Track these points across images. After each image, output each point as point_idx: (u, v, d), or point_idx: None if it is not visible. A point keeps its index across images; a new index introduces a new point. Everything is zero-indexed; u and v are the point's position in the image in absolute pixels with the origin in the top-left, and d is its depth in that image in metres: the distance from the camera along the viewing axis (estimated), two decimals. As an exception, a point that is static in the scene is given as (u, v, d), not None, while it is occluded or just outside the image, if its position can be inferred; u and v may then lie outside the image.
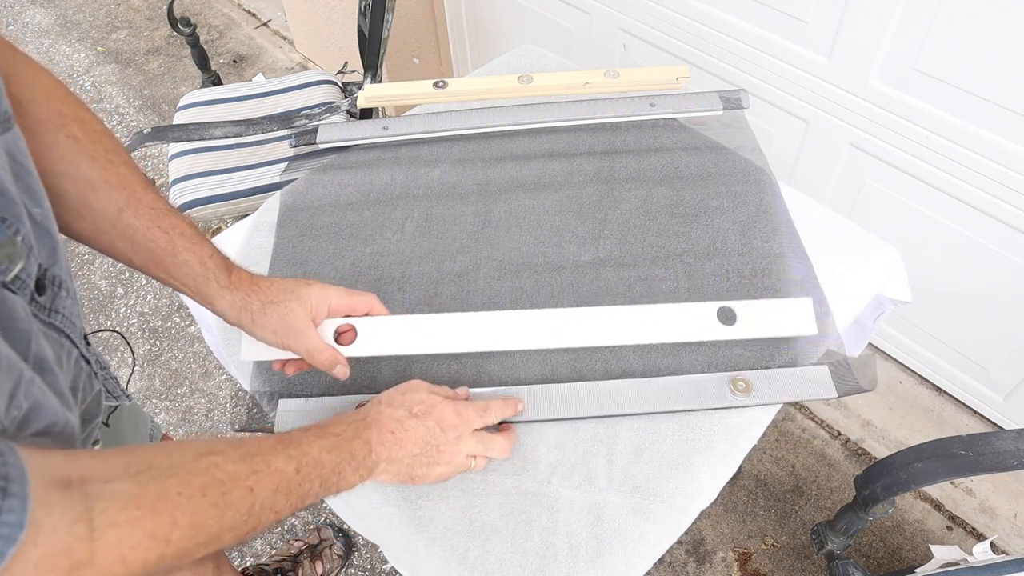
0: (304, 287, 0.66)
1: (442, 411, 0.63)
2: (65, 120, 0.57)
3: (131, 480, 0.41)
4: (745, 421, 0.73)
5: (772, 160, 0.97)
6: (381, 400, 0.63)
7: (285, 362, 0.70)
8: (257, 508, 0.47)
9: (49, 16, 3.04)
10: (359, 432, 0.59)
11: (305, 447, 0.53)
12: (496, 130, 1.02)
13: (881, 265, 0.87)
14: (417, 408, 0.62)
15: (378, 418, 0.61)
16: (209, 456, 0.46)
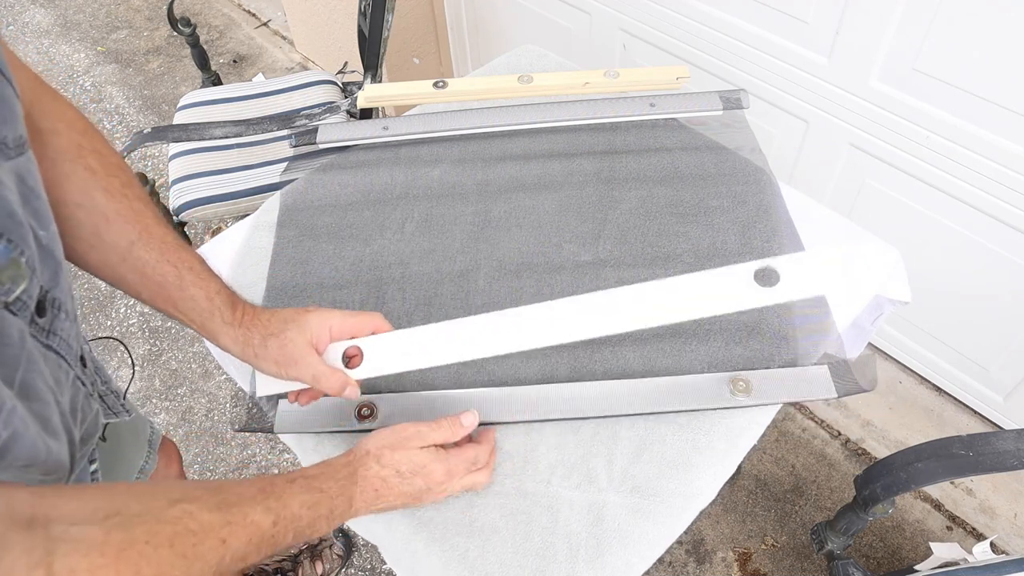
0: (303, 315, 0.65)
1: (431, 472, 0.61)
2: (84, 152, 0.58)
3: (98, 525, 0.40)
4: (745, 421, 0.73)
5: (772, 160, 0.97)
6: (370, 452, 0.61)
7: (299, 393, 0.69)
8: (228, 560, 0.46)
9: (49, 16, 3.04)
10: (344, 489, 0.57)
11: (286, 499, 0.51)
12: (496, 130, 1.02)
13: (881, 265, 0.87)
14: (406, 468, 0.61)
15: (365, 474, 0.59)
16: (183, 503, 0.44)
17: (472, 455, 0.65)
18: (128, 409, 0.74)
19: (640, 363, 0.77)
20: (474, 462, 0.65)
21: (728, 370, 0.76)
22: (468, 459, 0.64)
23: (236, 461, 1.63)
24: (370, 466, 0.60)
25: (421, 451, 0.62)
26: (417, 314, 0.82)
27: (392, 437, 0.62)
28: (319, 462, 0.59)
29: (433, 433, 0.64)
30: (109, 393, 0.69)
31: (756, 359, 0.76)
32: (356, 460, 0.60)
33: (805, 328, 0.79)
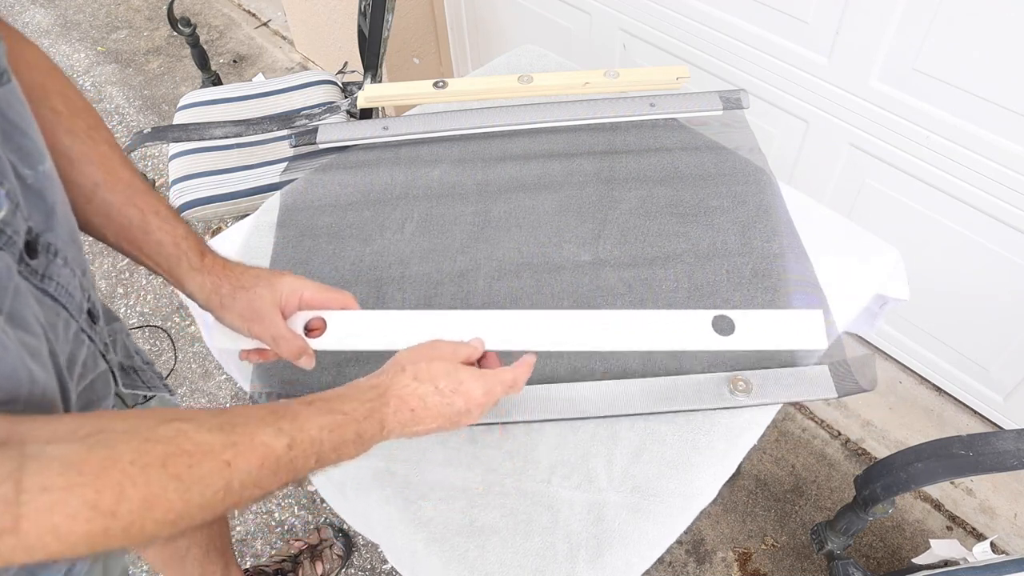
0: (277, 276, 0.64)
1: (470, 389, 0.56)
2: (48, 93, 0.57)
3: (78, 443, 0.36)
4: (745, 421, 0.73)
5: (772, 160, 0.97)
6: (405, 368, 0.55)
7: (251, 352, 0.67)
8: (236, 485, 0.42)
9: (49, 16, 3.04)
10: (374, 411, 0.52)
11: (302, 422, 0.47)
12: (496, 130, 1.02)
13: (881, 265, 0.87)
14: (445, 385, 0.55)
15: (400, 393, 0.54)
16: (177, 423, 0.40)
17: (510, 377, 0.59)
18: (168, 387, 0.72)
19: (640, 363, 0.77)
20: (512, 385, 0.59)
21: (728, 370, 0.76)
22: (506, 381, 0.59)
23: (236, 461, 1.63)
24: (406, 383, 0.54)
25: (462, 369, 0.57)
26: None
27: (429, 351, 0.57)
28: (343, 384, 0.54)
29: (464, 348, 0.60)
30: (143, 366, 0.68)
31: (756, 359, 0.76)
32: (388, 378, 0.54)
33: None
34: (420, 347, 0.58)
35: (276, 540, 1.51)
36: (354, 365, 0.78)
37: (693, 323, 0.67)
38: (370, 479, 0.71)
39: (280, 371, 0.78)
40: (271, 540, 1.51)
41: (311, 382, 0.77)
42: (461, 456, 0.72)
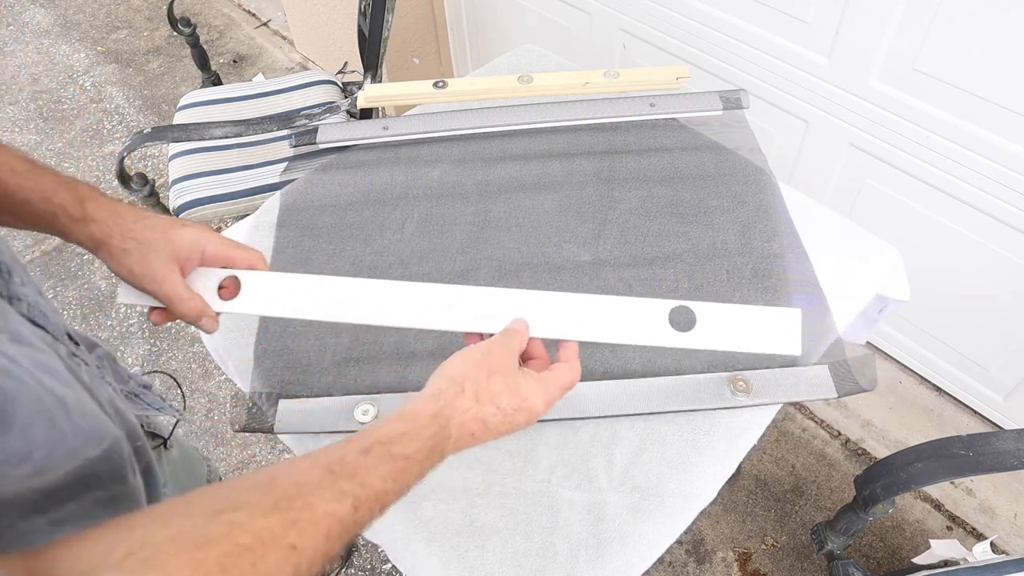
0: (176, 227, 0.58)
1: (533, 404, 0.51)
2: None
3: (115, 569, 0.31)
4: (745, 421, 0.73)
5: (772, 160, 0.97)
6: (464, 388, 0.49)
7: (153, 310, 0.61)
8: (305, 565, 0.36)
9: (49, 16, 3.04)
10: (436, 447, 0.46)
11: (363, 476, 0.41)
12: (496, 130, 1.02)
13: (881, 265, 0.87)
14: (507, 403, 0.49)
15: (462, 419, 0.48)
16: (227, 514, 0.35)
17: (569, 380, 0.54)
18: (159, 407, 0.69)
19: (640, 363, 0.77)
20: (569, 387, 0.54)
21: (728, 370, 0.76)
22: (565, 386, 0.53)
23: (236, 461, 1.63)
24: (467, 407, 0.48)
25: (521, 379, 0.51)
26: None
27: (485, 360, 0.51)
28: (397, 413, 0.47)
29: (515, 345, 0.54)
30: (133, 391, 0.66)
31: (756, 359, 0.76)
32: (447, 401, 0.48)
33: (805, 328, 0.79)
34: (473, 355, 0.51)
35: (276, 540, 1.51)
36: (354, 365, 0.78)
37: (647, 314, 0.57)
38: (370, 479, 0.71)
39: (280, 371, 0.78)
40: (271, 540, 1.51)
41: (311, 382, 0.77)
42: (461, 456, 0.72)
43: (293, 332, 0.81)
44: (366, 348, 0.79)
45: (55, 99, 2.62)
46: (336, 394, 0.76)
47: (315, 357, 0.79)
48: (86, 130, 2.49)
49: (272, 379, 0.78)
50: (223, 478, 0.96)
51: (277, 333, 0.81)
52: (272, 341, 0.81)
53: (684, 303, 0.57)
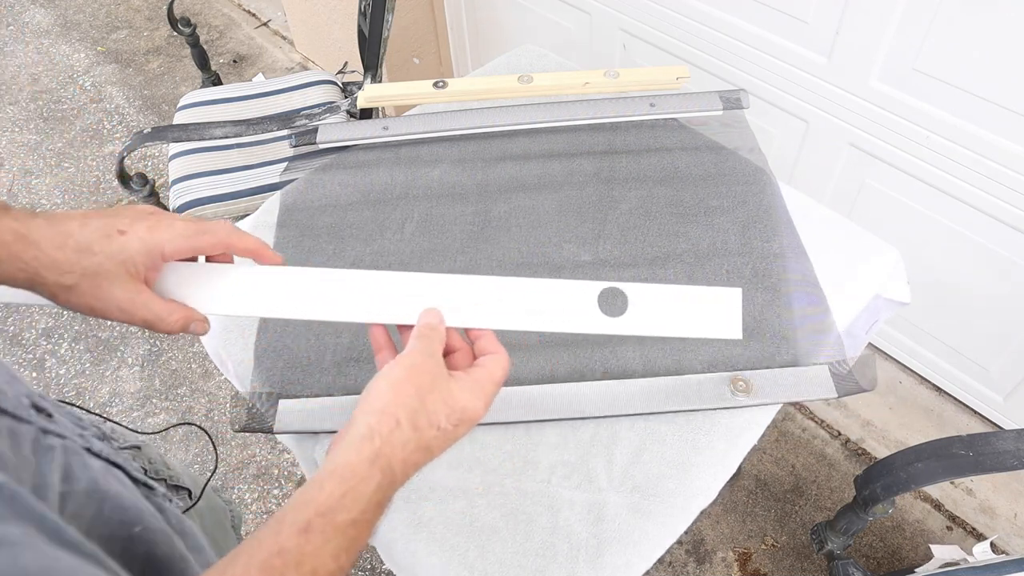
0: (115, 239, 0.46)
1: (474, 412, 0.46)
2: None
3: None
4: (745, 421, 0.73)
5: (772, 160, 0.97)
6: (399, 420, 0.43)
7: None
8: None
9: (49, 16, 3.04)
10: (382, 501, 0.42)
11: (311, 563, 0.36)
12: (496, 130, 1.02)
13: (881, 265, 0.87)
14: (447, 420, 0.45)
15: (404, 456, 0.43)
16: None
17: (501, 374, 0.49)
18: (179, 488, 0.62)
19: (640, 363, 0.77)
20: (503, 380, 0.49)
21: (728, 370, 0.76)
22: (499, 380, 0.49)
23: (236, 461, 1.63)
24: (407, 438, 0.43)
25: (455, 387, 0.46)
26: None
27: (414, 378, 0.45)
28: (329, 470, 0.41)
29: (437, 343, 0.48)
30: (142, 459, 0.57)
31: (756, 359, 0.76)
32: (383, 442, 0.42)
33: (805, 328, 0.79)
34: (396, 376, 0.45)
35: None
36: (354, 365, 0.78)
37: (573, 298, 0.52)
38: (370, 479, 0.71)
39: (280, 371, 0.78)
40: (271, 540, 1.51)
41: (311, 382, 0.77)
42: (461, 457, 0.72)
43: (293, 332, 0.81)
44: (366, 348, 0.79)
45: (55, 99, 2.62)
46: (336, 394, 0.76)
47: (315, 357, 0.79)
48: (86, 130, 2.49)
49: (272, 379, 0.77)
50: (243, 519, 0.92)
51: (277, 333, 0.81)
52: (272, 341, 0.81)
53: (615, 284, 0.52)
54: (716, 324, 0.52)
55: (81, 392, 1.77)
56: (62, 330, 1.91)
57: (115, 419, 1.71)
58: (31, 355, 1.86)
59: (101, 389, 1.78)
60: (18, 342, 1.89)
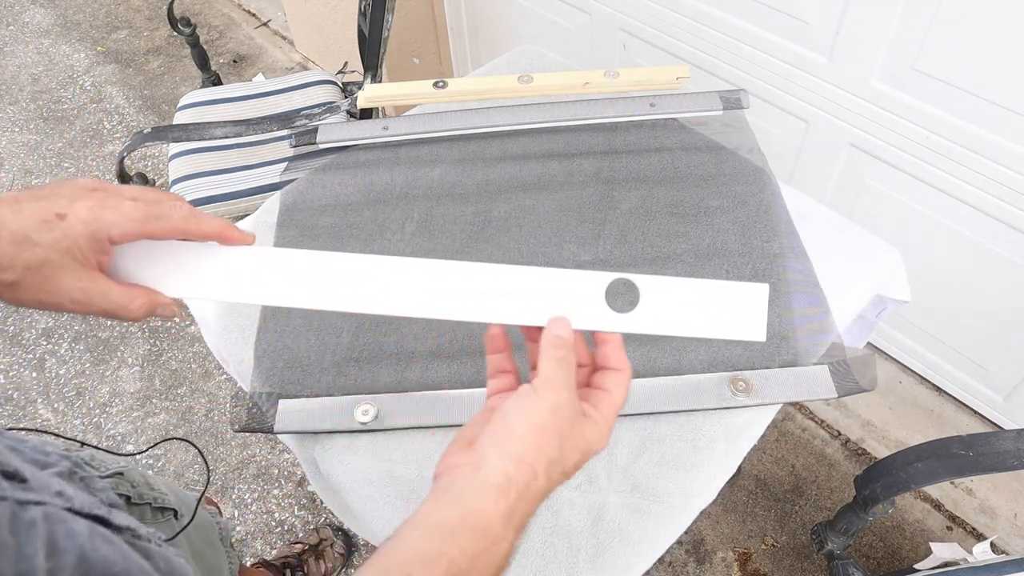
0: (56, 225, 0.40)
1: (596, 447, 0.42)
2: None
3: None
4: (745, 421, 0.73)
5: (772, 160, 0.97)
6: (537, 473, 0.39)
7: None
8: None
9: (49, 16, 3.04)
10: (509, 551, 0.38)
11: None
12: (496, 130, 1.02)
13: (881, 265, 0.87)
14: (573, 464, 0.41)
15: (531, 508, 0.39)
16: None
17: (623, 399, 0.44)
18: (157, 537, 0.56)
19: (640, 363, 0.77)
20: (623, 404, 0.45)
21: (728, 370, 0.76)
22: (620, 407, 0.44)
23: (236, 461, 1.63)
24: (540, 494, 0.39)
25: (588, 428, 0.41)
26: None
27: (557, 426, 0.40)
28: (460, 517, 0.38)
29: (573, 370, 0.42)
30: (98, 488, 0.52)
31: (756, 359, 0.76)
32: (518, 496, 0.38)
33: (805, 328, 0.79)
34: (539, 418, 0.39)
35: (276, 540, 1.51)
36: (354, 365, 0.78)
37: (577, 291, 0.47)
38: (370, 481, 0.71)
39: (280, 371, 0.78)
40: (271, 540, 1.51)
41: (311, 382, 0.77)
42: (461, 456, 0.72)
43: (293, 332, 0.81)
44: (366, 348, 0.79)
45: (55, 99, 2.62)
46: (336, 394, 0.76)
47: (315, 357, 0.79)
48: (86, 130, 2.49)
49: (272, 379, 0.77)
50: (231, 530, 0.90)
51: (277, 333, 0.81)
52: (272, 341, 0.81)
53: (625, 275, 0.46)
54: (738, 324, 0.46)
55: (81, 392, 1.77)
56: (62, 330, 1.91)
57: (113, 416, 1.71)
58: (31, 355, 1.86)
59: (101, 389, 1.78)
60: (18, 342, 1.89)
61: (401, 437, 0.74)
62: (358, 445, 0.73)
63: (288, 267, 0.47)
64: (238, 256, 0.47)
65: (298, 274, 0.47)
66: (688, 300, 0.46)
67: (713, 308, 0.46)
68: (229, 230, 0.46)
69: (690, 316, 0.46)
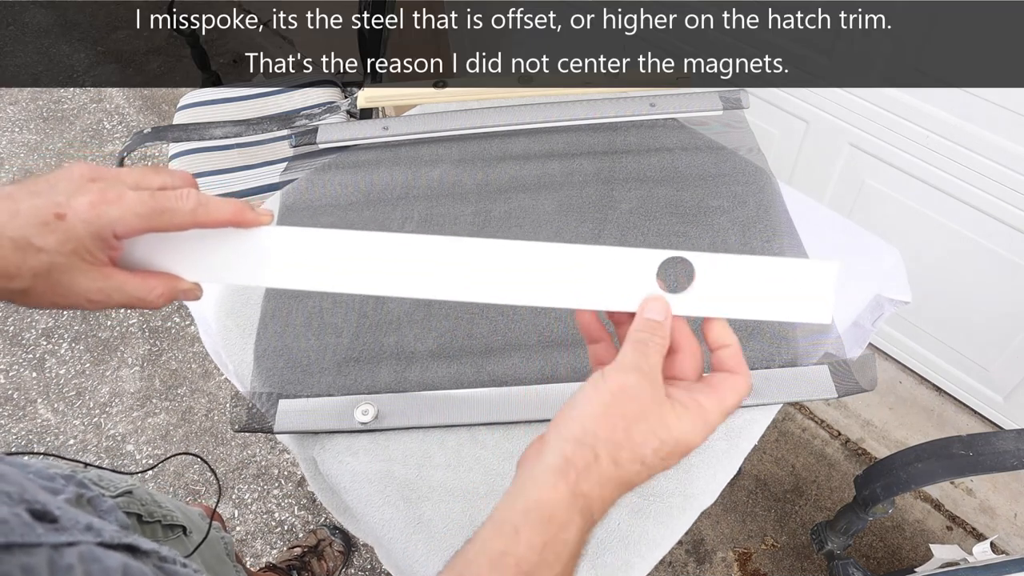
0: (57, 226, 0.38)
1: (690, 443, 0.39)
2: None
3: None
4: (745, 421, 0.73)
5: (772, 160, 0.97)
6: (598, 454, 0.36)
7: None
8: None
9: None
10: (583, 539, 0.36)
11: None
12: (496, 130, 1.02)
13: (881, 265, 0.87)
14: (654, 453, 0.37)
15: (601, 494, 0.36)
16: None
17: (734, 403, 0.41)
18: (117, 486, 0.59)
19: (640, 363, 0.76)
20: (736, 406, 0.41)
21: (728, 370, 0.75)
22: (729, 410, 0.41)
23: (236, 461, 1.63)
24: (606, 476, 0.37)
25: (671, 416, 0.38)
26: (417, 314, 0.82)
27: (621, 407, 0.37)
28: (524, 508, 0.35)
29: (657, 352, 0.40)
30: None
31: (756, 359, 0.76)
32: (579, 477, 0.36)
33: (805, 328, 0.79)
34: (601, 400, 0.38)
35: (276, 540, 1.51)
36: (354, 365, 0.78)
37: (628, 270, 0.43)
38: (370, 481, 0.71)
39: (280, 371, 0.78)
40: (271, 540, 1.51)
41: (311, 382, 0.77)
42: (462, 458, 0.72)
43: (293, 332, 0.81)
44: (366, 348, 0.79)
45: (55, 99, 2.62)
46: (336, 394, 0.76)
47: (315, 357, 0.79)
48: (86, 130, 2.49)
49: (272, 379, 0.77)
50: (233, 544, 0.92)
51: (277, 333, 0.81)
52: (272, 341, 0.81)
53: (679, 253, 0.43)
54: (801, 305, 0.43)
55: (81, 392, 1.77)
56: (62, 330, 1.91)
57: (113, 416, 1.71)
58: (31, 355, 1.86)
59: (101, 389, 1.78)
60: (18, 342, 1.89)
61: (401, 437, 0.74)
62: (358, 445, 0.73)
63: (316, 248, 0.44)
64: (259, 237, 0.44)
65: (328, 255, 0.43)
66: (747, 279, 0.43)
67: (775, 288, 0.43)
68: (243, 214, 0.43)
69: (749, 297, 0.43)
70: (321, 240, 0.44)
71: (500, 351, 0.77)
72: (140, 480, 0.86)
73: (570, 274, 0.43)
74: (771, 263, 0.43)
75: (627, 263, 0.43)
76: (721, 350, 0.43)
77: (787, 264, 0.43)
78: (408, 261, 0.44)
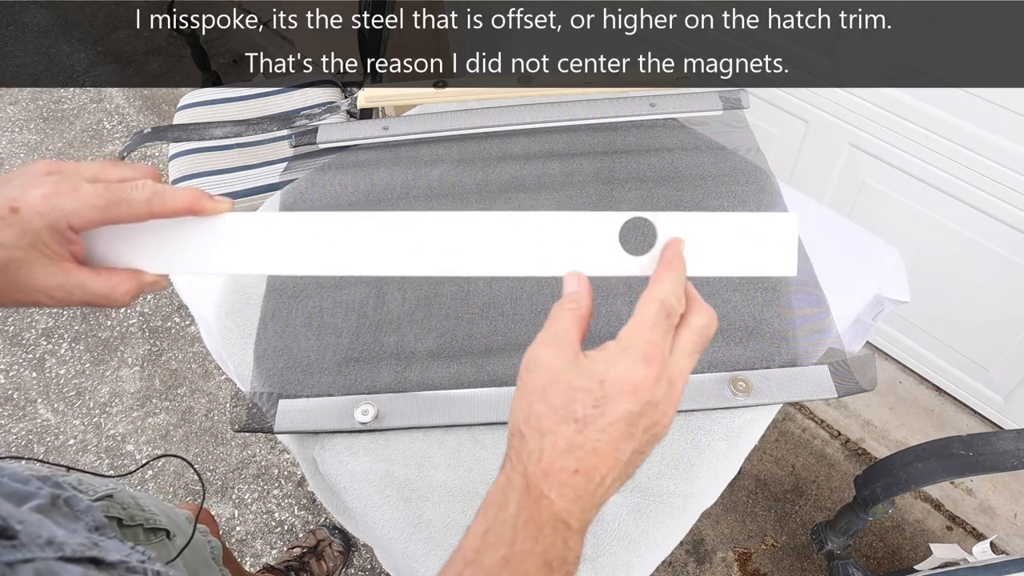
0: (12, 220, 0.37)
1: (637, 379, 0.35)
2: None
3: None
4: (745, 421, 0.73)
5: (772, 160, 0.97)
6: (524, 432, 0.36)
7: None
8: None
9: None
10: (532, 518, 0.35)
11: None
12: (496, 130, 1.02)
13: (881, 265, 0.87)
14: (582, 403, 0.35)
15: (542, 468, 0.35)
16: None
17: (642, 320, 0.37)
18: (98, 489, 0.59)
19: (640, 363, 0.76)
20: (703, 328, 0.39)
21: (728, 370, 0.75)
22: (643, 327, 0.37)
23: (236, 461, 1.63)
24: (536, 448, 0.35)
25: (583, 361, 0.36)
26: (417, 314, 0.82)
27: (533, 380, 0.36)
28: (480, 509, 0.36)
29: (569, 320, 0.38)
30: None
31: (756, 359, 0.76)
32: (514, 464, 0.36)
33: (805, 328, 0.79)
34: (521, 387, 0.37)
35: (276, 540, 1.51)
36: (354, 365, 0.78)
37: (590, 233, 0.43)
38: (370, 482, 0.71)
39: (280, 371, 0.78)
40: (271, 540, 1.51)
41: (311, 382, 0.77)
42: (462, 458, 0.72)
43: (293, 332, 0.81)
44: (366, 348, 0.79)
45: (55, 99, 2.62)
46: (336, 394, 0.76)
47: (315, 357, 0.79)
48: (86, 130, 2.49)
49: (272, 379, 0.77)
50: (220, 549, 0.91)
51: (277, 333, 0.81)
52: (272, 341, 0.81)
53: (640, 213, 0.43)
54: (765, 259, 0.43)
55: (81, 392, 1.77)
56: (62, 330, 1.91)
57: (113, 416, 1.71)
58: (31, 355, 1.86)
59: (101, 389, 1.78)
60: (18, 342, 1.89)
61: (401, 437, 0.74)
62: (358, 445, 0.73)
63: (280, 232, 0.43)
64: (222, 224, 0.43)
65: (292, 239, 0.43)
66: (710, 236, 0.43)
67: (738, 243, 0.43)
68: (199, 202, 0.41)
69: (713, 253, 0.43)
70: (281, 224, 0.43)
71: (500, 351, 0.77)
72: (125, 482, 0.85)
73: (535, 242, 0.43)
74: (731, 219, 0.43)
75: (590, 227, 0.43)
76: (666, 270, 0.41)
77: (747, 219, 0.43)
78: (369, 240, 0.44)
